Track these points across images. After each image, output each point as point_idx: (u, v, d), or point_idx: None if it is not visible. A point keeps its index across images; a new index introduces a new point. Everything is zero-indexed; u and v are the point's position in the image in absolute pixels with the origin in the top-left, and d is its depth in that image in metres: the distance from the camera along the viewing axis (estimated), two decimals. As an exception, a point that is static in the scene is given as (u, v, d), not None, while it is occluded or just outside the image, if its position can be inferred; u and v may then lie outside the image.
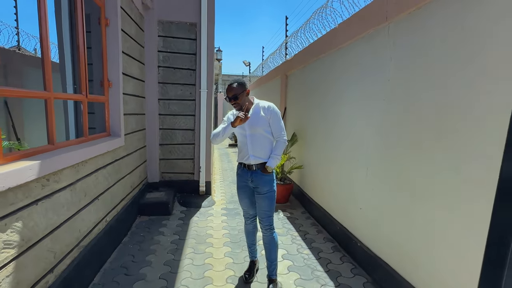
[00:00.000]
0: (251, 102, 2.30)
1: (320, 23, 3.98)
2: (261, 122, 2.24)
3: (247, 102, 2.26)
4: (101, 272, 2.54)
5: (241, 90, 2.20)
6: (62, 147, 2.16)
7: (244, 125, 2.24)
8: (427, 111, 1.95)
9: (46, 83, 1.97)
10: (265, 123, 2.25)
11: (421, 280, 2.01)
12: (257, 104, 2.30)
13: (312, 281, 2.52)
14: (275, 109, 2.29)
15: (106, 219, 2.81)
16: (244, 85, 2.24)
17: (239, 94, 2.19)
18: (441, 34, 1.85)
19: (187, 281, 2.46)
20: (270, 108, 2.28)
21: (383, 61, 2.47)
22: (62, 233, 1.99)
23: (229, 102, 2.23)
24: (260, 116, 2.24)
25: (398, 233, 2.25)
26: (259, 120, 2.24)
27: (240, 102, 2.21)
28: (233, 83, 2.23)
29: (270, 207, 2.29)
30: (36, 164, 1.66)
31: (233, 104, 2.23)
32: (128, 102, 3.55)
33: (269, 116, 2.26)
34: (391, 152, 2.35)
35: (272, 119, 2.26)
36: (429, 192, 1.94)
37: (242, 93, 2.20)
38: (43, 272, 1.78)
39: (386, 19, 2.39)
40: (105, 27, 3.01)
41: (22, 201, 1.58)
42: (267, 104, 2.29)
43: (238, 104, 2.22)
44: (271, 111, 2.27)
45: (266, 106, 2.28)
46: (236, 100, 2.20)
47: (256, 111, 2.26)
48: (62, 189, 2.00)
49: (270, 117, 2.26)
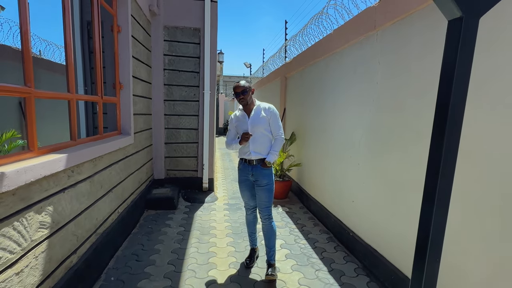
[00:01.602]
0: (253, 103, 2.56)
1: (317, 28, 4.23)
2: (262, 122, 2.50)
3: (251, 101, 2.54)
4: (114, 258, 2.78)
5: (248, 87, 2.49)
6: (82, 143, 2.41)
7: (247, 124, 2.50)
8: (409, 113, 2.19)
9: (69, 86, 2.22)
10: (266, 122, 2.52)
11: (403, 262, 2.24)
12: (258, 105, 2.56)
13: (308, 266, 2.76)
14: (274, 110, 2.56)
15: (118, 211, 3.05)
16: (250, 84, 2.54)
17: (247, 91, 2.47)
18: (419, 42, 2.09)
19: (193, 266, 2.70)
20: (270, 109, 2.55)
21: (372, 66, 2.71)
22: (83, 220, 2.23)
23: (237, 98, 2.49)
24: (262, 116, 2.51)
25: (384, 222, 2.49)
26: (260, 120, 2.50)
27: (247, 98, 2.48)
28: (240, 81, 2.51)
29: (269, 198, 2.53)
30: (64, 156, 1.90)
31: (241, 99, 2.48)
32: (137, 103, 3.80)
33: (269, 116, 2.53)
34: (378, 149, 2.59)
35: (272, 119, 2.54)
36: (409, 184, 2.17)
37: (249, 91, 2.49)
38: (68, 253, 2.02)
39: (375, 27, 2.63)
40: (117, 33, 3.26)
41: (53, 188, 1.82)
42: (268, 106, 2.57)
43: (245, 99, 2.49)
44: (271, 112, 2.54)
45: (267, 108, 2.55)
46: (244, 95, 2.46)
47: (258, 112, 2.53)
48: (83, 180, 2.24)
49: (270, 118, 2.53)
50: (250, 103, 2.54)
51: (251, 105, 2.55)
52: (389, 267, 2.39)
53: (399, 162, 2.30)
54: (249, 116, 2.53)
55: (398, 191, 2.31)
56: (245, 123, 2.53)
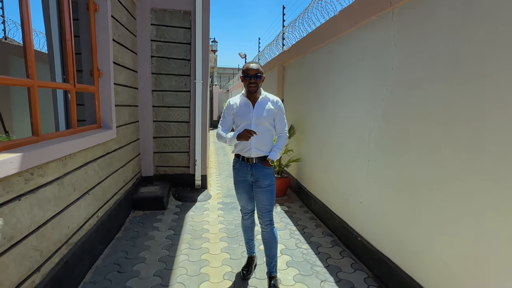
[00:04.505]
0: (260, 92, 2.24)
1: (319, 11, 3.85)
2: (268, 114, 2.20)
3: (258, 89, 2.21)
4: (92, 270, 2.44)
5: (262, 72, 2.17)
6: (48, 139, 2.04)
7: (251, 115, 2.17)
8: (433, 103, 1.86)
9: (28, 70, 1.83)
10: (271, 116, 2.22)
11: (425, 275, 1.94)
12: (265, 96, 2.25)
13: (312, 276, 2.45)
14: (282, 105, 2.28)
15: (98, 215, 2.69)
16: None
17: (260, 75, 2.14)
18: (449, 19, 1.75)
19: (182, 278, 2.38)
20: (278, 103, 2.25)
21: (386, 49, 2.37)
22: (49, 230, 1.88)
23: (247, 81, 2.14)
24: (268, 109, 2.20)
25: (401, 227, 2.18)
26: (267, 112, 2.19)
27: (258, 84, 2.16)
28: (253, 62, 2.17)
29: (271, 201, 2.22)
30: (18, 156, 1.54)
31: (252, 83, 2.13)
32: (120, 93, 3.41)
33: (276, 110, 2.23)
34: (393, 144, 2.27)
35: (278, 114, 2.25)
36: (433, 186, 1.86)
37: (262, 76, 2.16)
38: (28, 272, 1.67)
39: (390, 4, 2.28)
40: (94, 12, 2.85)
41: (3, 197, 1.46)
42: (276, 99, 2.26)
43: (256, 85, 2.15)
44: (279, 106, 2.25)
45: (275, 100, 2.25)
46: (257, 80, 2.13)
47: (264, 103, 2.21)
48: (48, 184, 1.88)
49: (277, 112, 2.24)
50: (257, 91, 2.20)
51: (258, 94, 2.21)
52: (406, 280, 2.09)
53: (420, 159, 1.98)
54: (253, 105, 2.19)
55: (418, 193, 2.00)
56: (248, 113, 2.18)
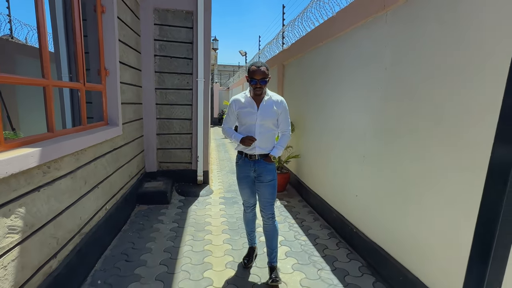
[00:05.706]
0: (265, 92, 2.30)
1: (318, 11, 3.96)
2: (272, 116, 2.28)
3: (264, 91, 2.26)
4: (102, 259, 2.59)
5: (269, 76, 2.19)
6: (61, 135, 2.17)
7: (255, 116, 2.26)
8: (424, 101, 1.99)
9: (44, 71, 1.96)
10: (275, 117, 2.30)
11: (414, 263, 2.08)
12: (270, 97, 2.31)
13: (309, 265, 2.60)
14: (286, 105, 2.36)
15: (106, 207, 2.83)
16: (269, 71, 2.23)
17: (267, 79, 2.17)
18: (435, 21, 1.87)
19: (187, 267, 2.52)
20: (283, 103, 2.33)
21: (380, 50, 2.49)
22: (64, 220, 2.01)
23: (253, 84, 2.17)
24: (273, 109, 2.28)
25: (392, 219, 2.32)
26: (271, 113, 2.28)
27: (264, 88, 2.21)
28: (261, 66, 2.15)
29: (273, 195, 2.34)
30: (37, 151, 1.67)
31: (257, 87, 2.17)
32: (126, 91, 3.54)
33: (281, 110, 2.31)
34: (387, 140, 2.40)
35: (282, 114, 2.33)
36: (424, 180, 1.99)
37: (268, 80, 2.20)
38: (46, 258, 1.81)
39: (384, 7, 2.40)
40: (101, 14, 2.97)
41: (25, 187, 1.60)
42: (280, 99, 2.34)
43: (262, 90, 2.20)
44: (283, 107, 2.33)
45: (280, 101, 2.32)
46: (262, 84, 2.16)
47: (269, 105, 2.28)
48: (63, 177, 2.01)
49: (281, 112, 2.32)
50: (264, 93, 2.28)
51: (262, 94, 2.28)
52: (397, 267, 2.23)
53: (411, 154, 2.12)
54: (258, 106, 2.27)
55: (409, 186, 2.14)
56: (252, 114, 2.26)
